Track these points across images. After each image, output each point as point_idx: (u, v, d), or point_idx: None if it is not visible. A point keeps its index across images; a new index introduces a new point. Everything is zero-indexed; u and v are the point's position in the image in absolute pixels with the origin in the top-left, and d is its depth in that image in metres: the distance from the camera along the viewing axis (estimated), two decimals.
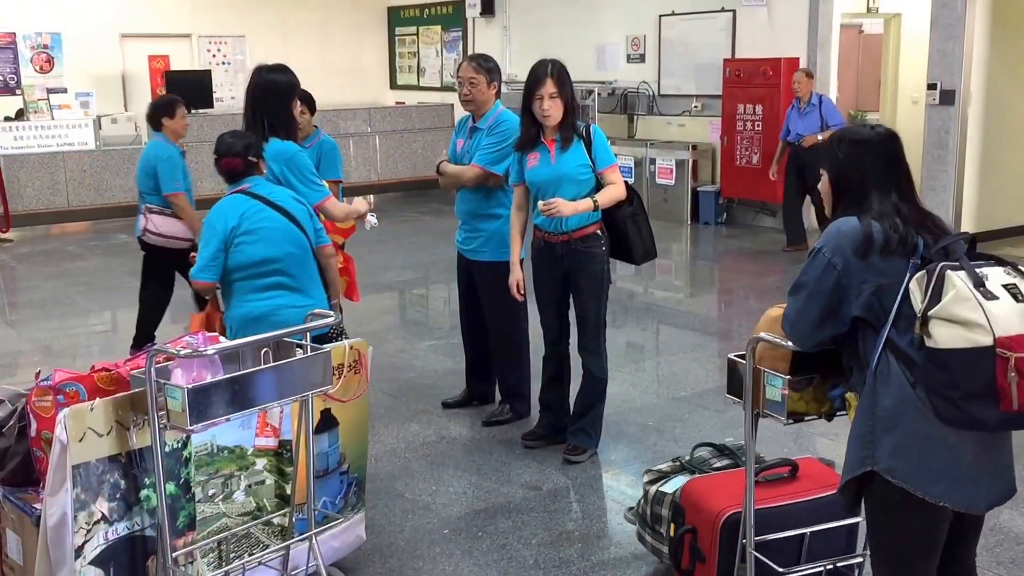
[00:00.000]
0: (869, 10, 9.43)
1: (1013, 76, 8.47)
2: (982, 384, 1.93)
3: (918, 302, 2.01)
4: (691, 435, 4.30)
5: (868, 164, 2.22)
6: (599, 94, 10.41)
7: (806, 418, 2.42)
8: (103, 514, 2.47)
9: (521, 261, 4.03)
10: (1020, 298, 1.97)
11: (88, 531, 2.44)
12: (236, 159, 3.23)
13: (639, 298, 7.13)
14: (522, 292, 4.02)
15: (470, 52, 12.69)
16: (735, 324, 6.34)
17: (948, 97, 8.03)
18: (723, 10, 9.58)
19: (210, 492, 2.66)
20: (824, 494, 2.72)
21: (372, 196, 10.08)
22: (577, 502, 3.70)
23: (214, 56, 12.76)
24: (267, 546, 2.83)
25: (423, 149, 12.17)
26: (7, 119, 10.68)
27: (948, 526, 2.13)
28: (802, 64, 8.95)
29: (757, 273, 7.94)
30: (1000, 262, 2.05)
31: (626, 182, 3.88)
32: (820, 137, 7.67)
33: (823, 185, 2.30)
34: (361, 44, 13.94)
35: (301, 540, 2.83)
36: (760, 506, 2.61)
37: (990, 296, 1.95)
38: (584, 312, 3.93)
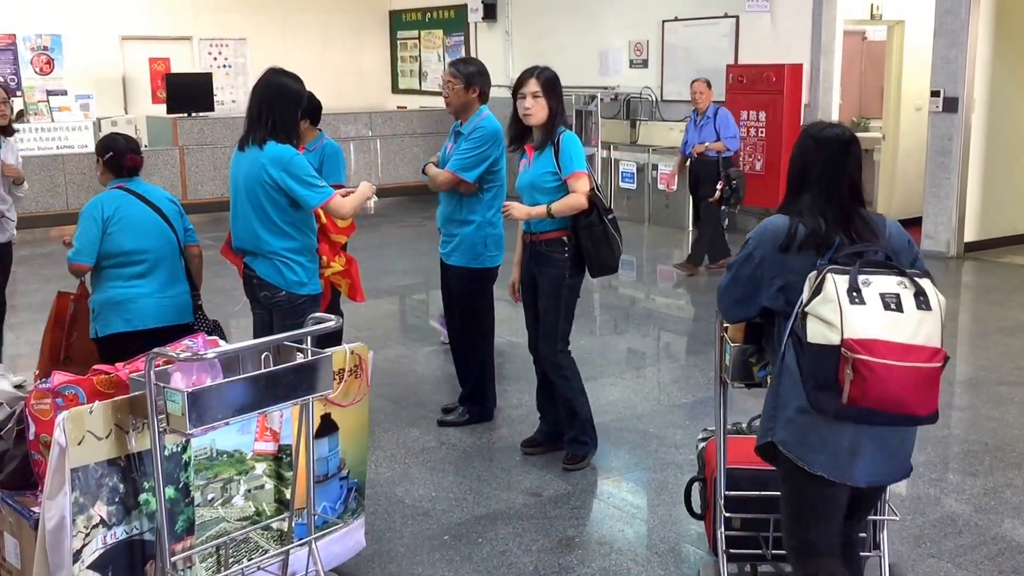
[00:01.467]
0: (872, 17, 9.42)
1: (1016, 84, 8.47)
2: (828, 377, 2.15)
3: (805, 295, 2.21)
4: (691, 442, 4.28)
5: (812, 159, 2.36)
6: (602, 99, 10.41)
7: (763, 386, 2.61)
8: (102, 518, 2.45)
9: (475, 271, 4.17)
10: (892, 307, 2.13)
11: (87, 535, 2.42)
12: (139, 157, 3.71)
13: (640, 304, 7.11)
14: (517, 297, 4.04)
15: (474, 56, 12.71)
16: None
17: (951, 104, 8.02)
18: (726, 16, 9.58)
19: (209, 496, 2.64)
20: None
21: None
22: (577, 508, 3.68)
23: (215, 59, 12.76)
24: (266, 551, 2.81)
25: (425, 153, 12.15)
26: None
27: (846, 498, 2.34)
28: (806, 70, 8.94)
29: None
30: (902, 273, 2.20)
31: (593, 193, 3.75)
32: (707, 145, 7.48)
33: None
34: (362, 48, 13.94)
35: (300, 545, 2.81)
36: (745, 466, 2.84)
37: (856, 301, 2.12)
38: (542, 316, 3.91)
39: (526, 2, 11.88)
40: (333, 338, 3.63)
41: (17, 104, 11.24)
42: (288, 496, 2.82)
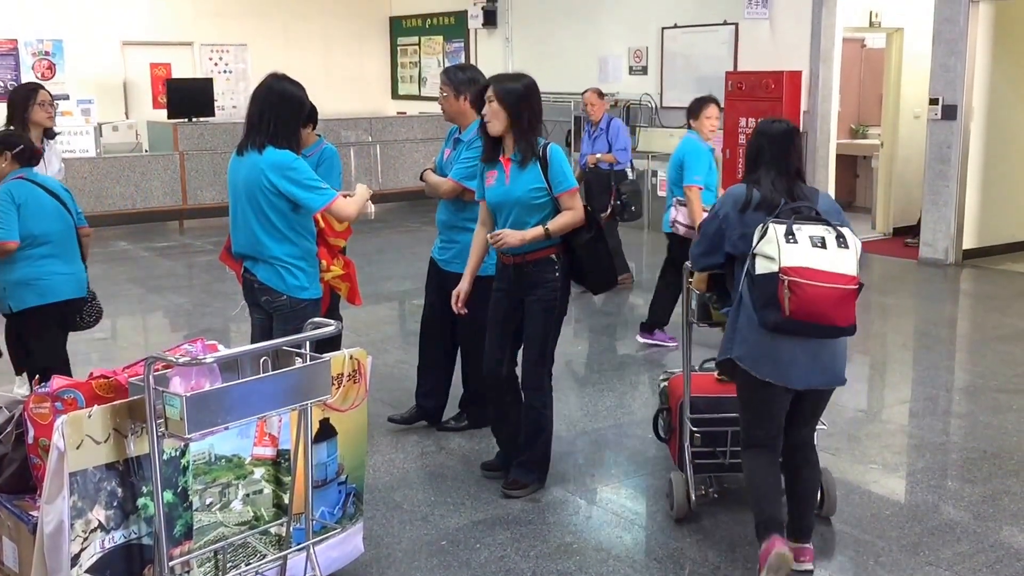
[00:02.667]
0: (871, 24, 9.45)
1: (1015, 92, 8.49)
2: (771, 297, 2.86)
3: (754, 243, 2.93)
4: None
5: (765, 145, 3.13)
6: None
7: (720, 325, 3.38)
8: (100, 522, 2.45)
9: (481, 279, 3.85)
10: (818, 245, 2.86)
11: (85, 539, 2.42)
12: (39, 150, 4.17)
13: (639, 311, 7.11)
14: (461, 307, 3.80)
15: (473, 63, 12.73)
16: None
17: (950, 112, 8.04)
18: (725, 23, 9.60)
19: (207, 501, 2.64)
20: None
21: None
22: (576, 515, 3.68)
23: (215, 64, 12.78)
24: (264, 556, 2.81)
25: (424, 159, 12.18)
26: (8, 125, 10.69)
27: (787, 402, 3.05)
28: (804, 77, 8.96)
29: None
30: (827, 224, 2.95)
31: (586, 207, 3.62)
32: (599, 156, 7.34)
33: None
34: (363, 54, 13.97)
35: (298, 550, 2.81)
36: (706, 394, 3.60)
37: (790, 241, 2.85)
38: (529, 339, 3.69)
39: (526, 8, 11.92)
40: (332, 343, 3.64)
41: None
42: (286, 501, 2.82)
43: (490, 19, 12.22)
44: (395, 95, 14.26)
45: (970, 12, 7.87)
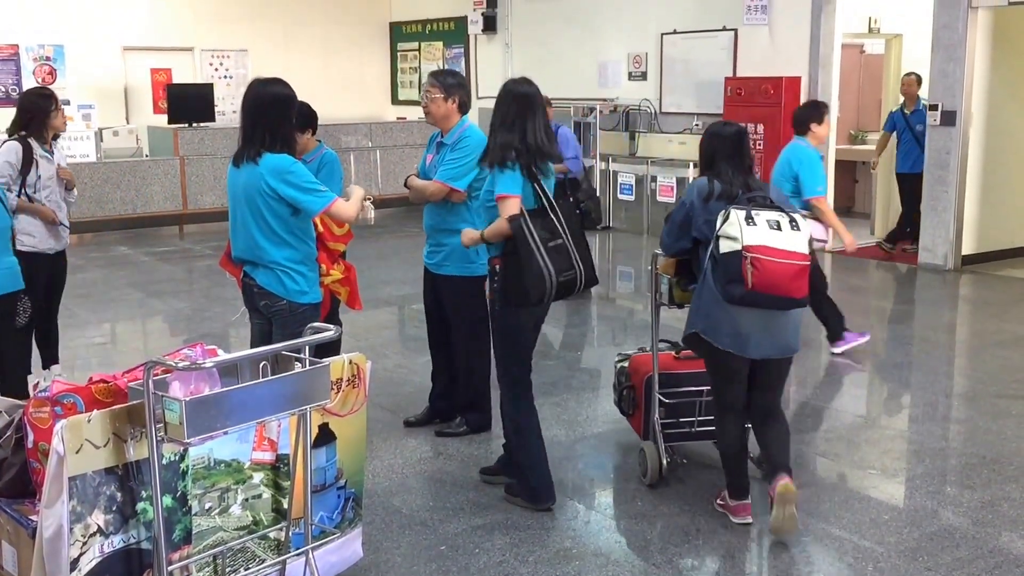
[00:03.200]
0: (871, 31, 9.47)
1: (1014, 97, 8.50)
2: (735, 273, 3.25)
3: (719, 224, 3.32)
4: (690, 450, 4.28)
5: (718, 147, 3.58)
6: (600, 111, 10.45)
7: (684, 305, 3.74)
8: (99, 526, 2.45)
9: (472, 279, 4.02)
10: (774, 228, 3.28)
11: (84, 543, 2.42)
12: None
13: (639, 316, 7.12)
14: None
15: (472, 68, 12.75)
16: None
17: (949, 118, 8.06)
18: (725, 29, 9.63)
19: (207, 505, 2.64)
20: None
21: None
22: (575, 519, 3.68)
23: (216, 70, 12.80)
24: (263, 560, 2.81)
25: None
26: (9, 130, 10.70)
27: (746, 369, 3.45)
28: (804, 83, 8.98)
29: None
30: (781, 210, 3.36)
31: (520, 218, 3.38)
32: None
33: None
34: (363, 59, 13.99)
35: (297, 555, 2.81)
36: (668, 371, 3.97)
37: (750, 223, 3.27)
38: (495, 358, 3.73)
39: (526, 14, 11.94)
40: (331, 348, 3.65)
41: None
42: (285, 505, 2.82)
43: (490, 25, 12.24)
44: (395, 100, 14.28)
45: (969, 19, 7.88)
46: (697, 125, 9.99)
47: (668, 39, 10.21)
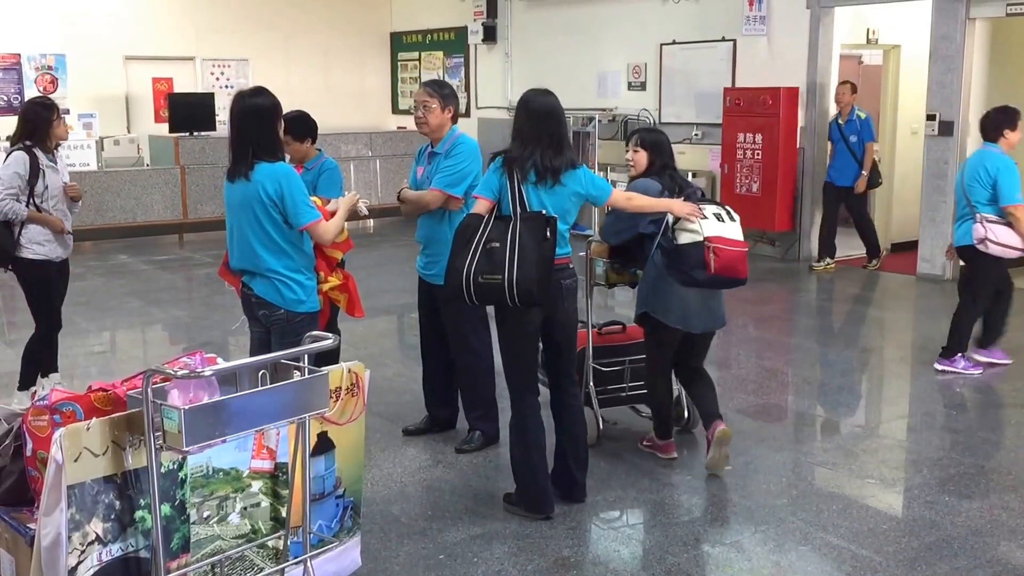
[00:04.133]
0: (869, 41, 9.51)
1: None
2: (698, 260, 3.77)
3: (671, 220, 3.87)
4: (690, 461, 4.29)
5: (666, 150, 4.17)
6: (600, 121, 10.48)
7: (616, 286, 4.43)
8: (97, 535, 2.45)
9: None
10: (720, 219, 3.85)
11: (82, 552, 2.42)
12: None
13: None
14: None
15: (472, 78, 12.79)
16: (733, 352, 6.33)
17: (947, 128, 8.08)
18: (724, 39, 9.67)
19: (205, 514, 2.64)
20: (631, 341, 4.56)
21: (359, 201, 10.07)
22: (574, 528, 3.68)
23: (217, 79, 12.84)
24: (261, 569, 2.81)
25: None
26: (12, 141, 10.72)
27: (680, 341, 4.09)
28: (802, 93, 9.01)
29: (756, 301, 7.94)
30: (714, 202, 4.03)
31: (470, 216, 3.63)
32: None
33: (640, 157, 4.15)
34: (363, 69, 14.04)
35: (296, 563, 2.81)
36: (599, 344, 4.52)
37: (707, 217, 3.83)
38: (567, 351, 3.80)
39: (526, 24, 11.99)
40: (330, 356, 3.65)
41: None
42: (284, 514, 2.82)
43: (490, 35, 12.29)
44: (395, 110, 14.32)
45: (966, 30, 7.92)
46: (696, 135, 10.02)
47: (667, 49, 10.25)
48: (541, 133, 3.60)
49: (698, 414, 4.28)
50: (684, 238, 3.81)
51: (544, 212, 3.52)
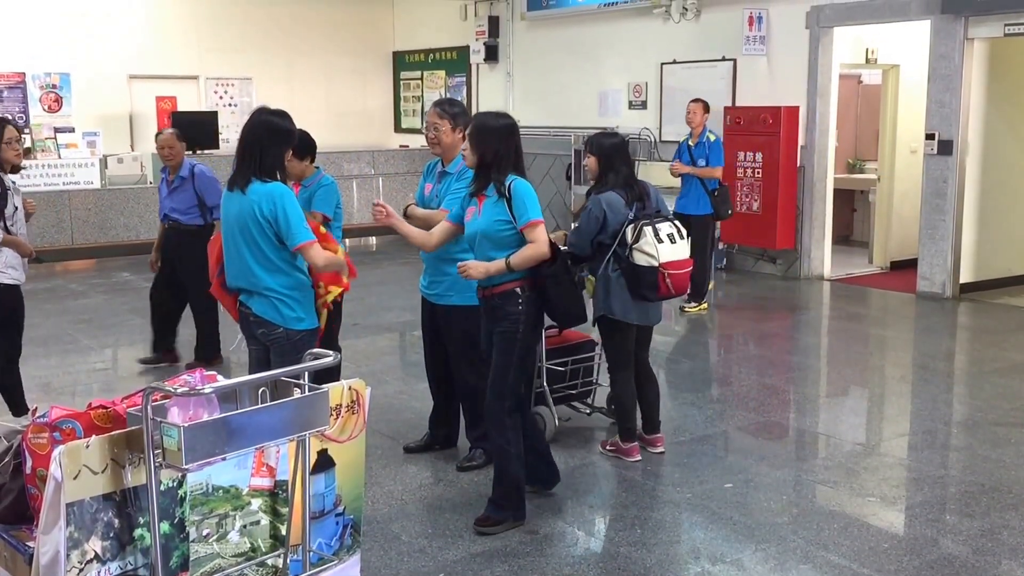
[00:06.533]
0: (868, 61, 9.56)
1: (1010, 127, 8.57)
2: (651, 282, 4.16)
3: (629, 239, 4.17)
4: (690, 480, 4.28)
5: (613, 155, 4.34)
6: None
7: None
8: (96, 553, 2.45)
9: (470, 308, 4.00)
10: (672, 241, 4.19)
11: (81, 570, 2.42)
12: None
13: None
14: (380, 209, 3.85)
15: (474, 97, 12.87)
16: (734, 370, 6.33)
17: (946, 147, 8.12)
18: (724, 59, 9.73)
19: (204, 532, 2.64)
20: (579, 341, 4.94)
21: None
22: (573, 547, 3.67)
23: (221, 98, 12.93)
24: None
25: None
26: None
27: (635, 337, 4.42)
28: (802, 112, 9.05)
29: (756, 319, 7.95)
30: (668, 220, 4.28)
31: (553, 242, 3.71)
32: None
33: (591, 162, 4.38)
34: (366, 88, 14.13)
35: None
36: (549, 346, 4.73)
37: (661, 241, 4.16)
38: (494, 370, 3.71)
39: (527, 44, 12.08)
40: (330, 374, 3.65)
41: (25, 141, 11.38)
42: (284, 532, 2.81)
43: (492, 54, 12.38)
44: (398, 128, 14.40)
45: (965, 49, 7.97)
46: None
47: (668, 69, 10.32)
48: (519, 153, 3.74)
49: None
50: (641, 260, 4.13)
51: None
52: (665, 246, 4.13)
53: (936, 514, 3.95)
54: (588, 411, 5.01)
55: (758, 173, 9.18)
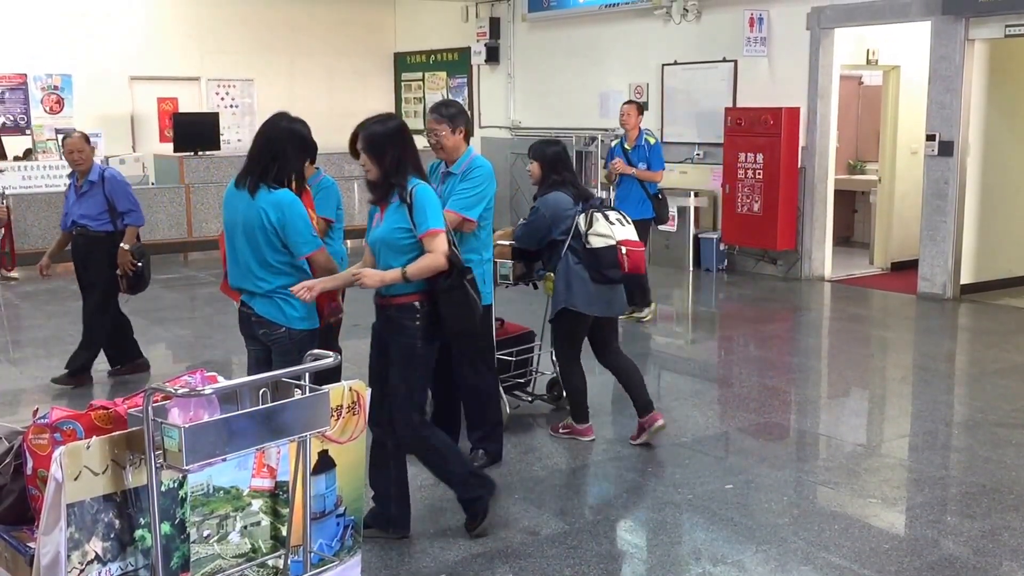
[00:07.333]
0: (868, 62, 9.56)
1: (1010, 128, 8.57)
2: (612, 260, 4.40)
3: (583, 227, 4.45)
4: (691, 481, 4.28)
5: (557, 159, 4.65)
6: (602, 141, 10.53)
7: (516, 284, 4.89)
8: (97, 554, 2.45)
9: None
10: (622, 224, 4.49)
11: (81, 571, 2.42)
12: None
13: (640, 343, 7.13)
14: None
15: (475, 98, 12.88)
16: (735, 371, 6.33)
17: (947, 148, 8.12)
18: (725, 60, 9.73)
19: (205, 533, 2.64)
20: (521, 332, 5.22)
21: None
22: (575, 548, 3.67)
23: (222, 99, 12.94)
24: None
25: None
26: (16, 159, 10.80)
27: (593, 328, 4.60)
28: (803, 113, 9.06)
29: (757, 320, 7.95)
30: (613, 208, 4.64)
31: (452, 253, 3.49)
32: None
33: (534, 168, 4.70)
34: (367, 89, 14.14)
35: None
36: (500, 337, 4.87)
37: (613, 223, 4.46)
38: (393, 387, 3.56)
39: (528, 45, 12.08)
40: (331, 375, 3.66)
41: (27, 142, 11.40)
42: (284, 533, 2.82)
43: (493, 55, 12.39)
44: None
45: (965, 50, 7.97)
46: (698, 155, 10.07)
47: (669, 70, 10.32)
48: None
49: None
50: (598, 242, 4.41)
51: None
52: (617, 227, 4.43)
53: (937, 515, 3.95)
54: (530, 399, 5.27)
55: (759, 174, 9.18)
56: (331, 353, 2.81)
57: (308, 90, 13.13)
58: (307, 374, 2.74)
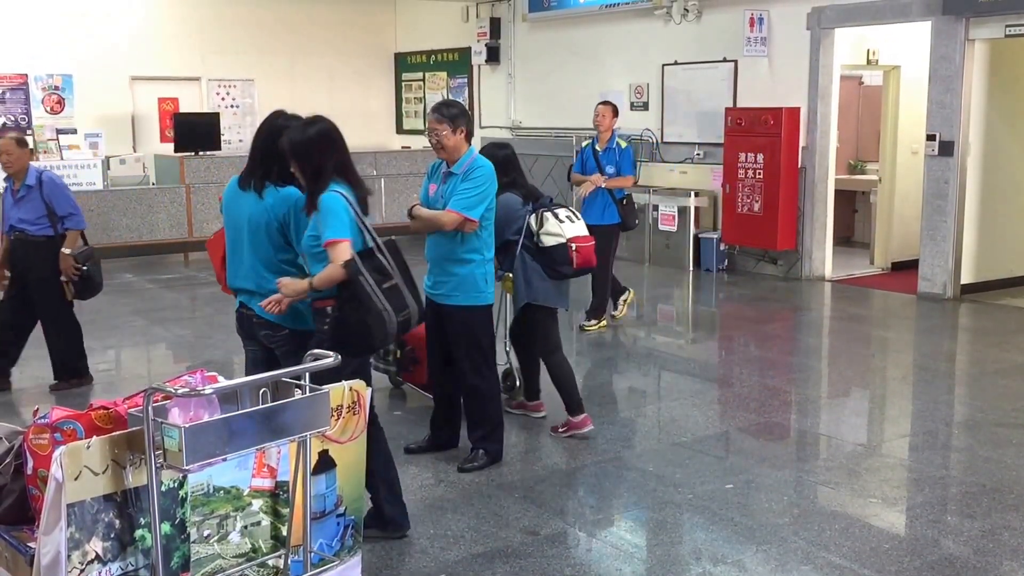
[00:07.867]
0: (869, 62, 9.56)
1: (1010, 128, 8.57)
2: (564, 257, 4.63)
3: (534, 227, 4.67)
4: (691, 481, 4.28)
5: (510, 164, 4.78)
6: None
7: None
8: (97, 554, 2.45)
9: (482, 308, 4.31)
10: (571, 221, 4.70)
11: (82, 571, 2.42)
12: None
13: (641, 343, 7.13)
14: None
15: (476, 98, 12.87)
16: (735, 371, 6.33)
17: (947, 148, 8.12)
18: (725, 60, 9.73)
19: (205, 533, 2.65)
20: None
21: None
22: (575, 547, 3.67)
23: (223, 99, 12.94)
24: None
25: None
26: None
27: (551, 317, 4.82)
28: (803, 113, 9.06)
29: (758, 320, 7.95)
30: (563, 206, 4.81)
31: (354, 263, 3.34)
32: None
33: None
34: (368, 89, 14.14)
35: None
36: (421, 335, 4.75)
37: (563, 221, 4.67)
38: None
39: (528, 45, 12.09)
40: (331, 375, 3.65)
41: (27, 142, 11.39)
42: (284, 533, 2.82)
43: (493, 56, 12.39)
44: (399, 130, 14.41)
45: (965, 50, 7.97)
46: (699, 155, 10.07)
47: (669, 70, 10.32)
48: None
49: (526, 390, 5.17)
50: (549, 241, 4.63)
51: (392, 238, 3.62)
52: (567, 224, 4.64)
53: (937, 515, 3.95)
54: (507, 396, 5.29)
55: (759, 174, 9.18)
56: (331, 353, 2.81)
57: (309, 90, 13.13)
58: (307, 374, 2.75)
